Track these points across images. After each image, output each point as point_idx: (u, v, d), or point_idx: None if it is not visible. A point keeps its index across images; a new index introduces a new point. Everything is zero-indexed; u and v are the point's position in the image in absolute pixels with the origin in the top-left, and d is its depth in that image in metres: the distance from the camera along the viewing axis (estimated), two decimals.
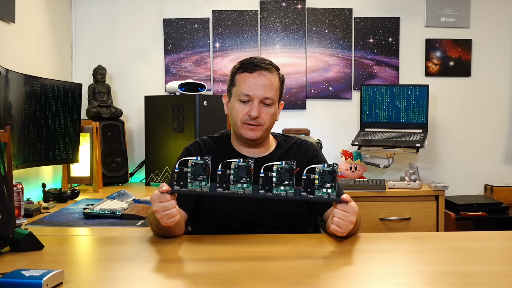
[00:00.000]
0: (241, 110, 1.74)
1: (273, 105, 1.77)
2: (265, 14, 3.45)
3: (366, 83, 3.44)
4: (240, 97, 1.74)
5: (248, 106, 1.74)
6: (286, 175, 1.46)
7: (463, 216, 3.06)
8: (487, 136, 3.51)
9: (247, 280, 1.26)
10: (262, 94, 1.73)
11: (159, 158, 3.06)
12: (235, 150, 1.83)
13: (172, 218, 1.50)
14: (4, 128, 2.04)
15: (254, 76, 1.74)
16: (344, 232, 1.53)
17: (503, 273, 1.31)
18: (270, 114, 1.76)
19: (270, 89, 1.74)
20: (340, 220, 1.52)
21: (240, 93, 1.74)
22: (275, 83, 1.77)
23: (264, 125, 1.75)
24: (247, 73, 1.75)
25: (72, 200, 2.56)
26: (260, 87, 1.73)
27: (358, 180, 3.13)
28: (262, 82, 1.73)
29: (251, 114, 1.72)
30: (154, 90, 3.42)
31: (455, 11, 3.47)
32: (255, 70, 1.74)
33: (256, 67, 1.74)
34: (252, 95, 1.73)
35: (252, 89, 1.73)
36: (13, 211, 1.50)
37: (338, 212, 1.52)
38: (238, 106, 1.75)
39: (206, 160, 1.48)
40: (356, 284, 1.25)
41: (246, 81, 1.74)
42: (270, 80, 1.75)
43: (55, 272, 1.18)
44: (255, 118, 1.72)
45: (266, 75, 1.74)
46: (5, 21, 2.50)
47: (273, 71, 1.77)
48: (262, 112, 1.74)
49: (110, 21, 3.45)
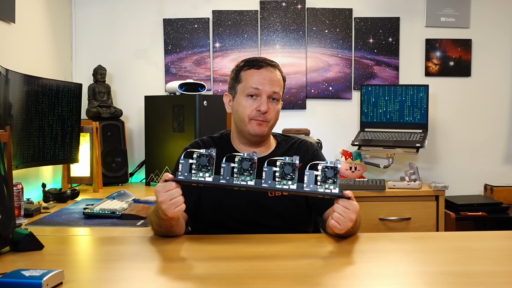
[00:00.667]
0: (249, 106, 1.74)
1: (279, 101, 1.79)
2: (265, 14, 3.45)
3: (366, 83, 3.44)
4: (249, 91, 1.75)
5: (256, 101, 1.74)
6: (289, 169, 1.46)
7: (463, 216, 3.06)
8: (487, 136, 3.51)
9: (247, 280, 1.26)
10: (271, 88, 1.75)
11: (159, 158, 3.07)
12: (235, 150, 1.83)
13: (179, 206, 1.48)
14: (4, 128, 2.04)
15: (262, 71, 1.76)
16: (342, 229, 1.51)
17: (503, 273, 1.31)
18: (276, 110, 1.78)
19: (277, 84, 1.77)
20: (340, 216, 1.50)
21: (248, 88, 1.75)
22: (280, 80, 1.80)
23: (271, 121, 1.77)
24: (254, 69, 1.77)
25: (72, 200, 2.56)
26: (268, 82, 1.75)
27: (358, 180, 3.13)
28: (270, 77, 1.76)
29: (260, 108, 1.73)
30: (154, 90, 3.42)
31: (455, 11, 3.47)
32: (262, 67, 1.77)
33: (263, 64, 1.78)
34: (262, 89, 1.74)
35: (261, 84, 1.74)
36: (13, 211, 1.50)
37: (338, 207, 1.50)
38: (246, 102, 1.75)
39: (211, 152, 1.48)
40: (356, 284, 1.25)
41: (254, 76, 1.76)
42: (277, 77, 1.78)
43: (55, 272, 1.18)
44: (264, 113, 1.73)
45: (273, 71, 1.77)
46: (5, 21, 2.50)
47: (277, 68, 1.81)
48: (269, 108, 1.75)
49: (110, 21, 3.45)
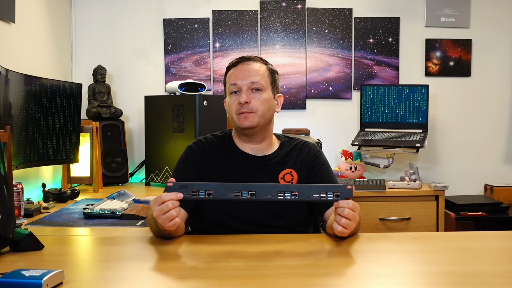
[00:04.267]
0: (233, 102, 1.78)
1: (264, 91, 1.78)
2: (265, 14, 3.45)
3: (366, 83, 3.44)
4: (230, 89, 1.79)
5: (238, 95, 1.78)
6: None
7: (463, 216, 3.06)
8: (487, 136, 3.51)
9: (247, 280, 1.26)
10: (248, 79, 1.77)
11: (159, 158, 3.07)
12: (237, 148, 1.84)
13: (172, 221, 1.47)
14: (4, 128, 2.04)
15: (238, 67, 1.80)
16: (347, 233, 1.53)
17: (503, 273, 1.31)
18: (262, 99, 1.77)
19: (255, 74, 1.78)
20: (349, 222, 1.49)
21: (229, 86, 1.80)
22: (261, 69, 1.80)
23: (258, 111, 1.76)
24: (233, 68, 1.81)
25: (72, 200, 2.56)
26: (245, 74, 1.78)
27: (358, 180, 3.13)
28: (247, 69, 1.79)
29: (240, 100, 1.75)
30: (154, 90, 3.42)
31: (455, 11, 3.47)
32: (239, 63, 1.81)
33: (240, 60, 1.82)
34: (239, 83, 1.77)
35: (238, 78, 1.78)
36: (13, 211, 1.50)
37: (350, 212, 1.48)
38: (230, 99, 1.80)
39: None
40: (356, 284, 1.25)
41: (232, 74, 1.80)
42: (254, 67, 1.80)
43: (55, 272, 1.18)
44: (245, 103, 1.75)
45: (249, 64, 1.80)
46: (5, 21, 2.50)
47: (257, 60, 1.83)
48: (253, 99, 1.76)
49: (110, 21, 3.45)
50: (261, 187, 1.48)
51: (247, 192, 1.46)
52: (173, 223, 1.48)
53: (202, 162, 1.81)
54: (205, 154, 1.82)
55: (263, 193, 1.47)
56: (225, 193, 1.47)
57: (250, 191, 1.46)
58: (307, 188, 1.49)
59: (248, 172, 1.79)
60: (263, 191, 1.47)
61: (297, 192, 1.47)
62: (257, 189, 1.47)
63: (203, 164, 1.81)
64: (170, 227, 1.49)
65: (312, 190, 1.48)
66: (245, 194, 1.46)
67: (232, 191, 1.47)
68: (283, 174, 1.79)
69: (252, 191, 1.46)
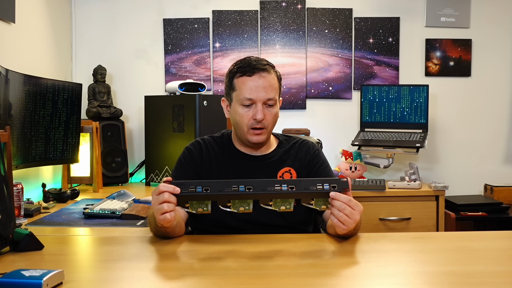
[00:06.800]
0: (246, 115, 1.74)
1: (276, 104, 1.78)
2: (265, 14, 3.45)
3: (366, 83, 3.44)
4: (243, 102, 1.74)
5: (251, 110, 1.74)
6: None
7: (463, 216, 3.06)
8: (487, 136, 3.51)
9: (247, 280, 1.26)
10: (265, 96, 1.73)
11: (159, 158, 3.07)
12: (236, 149, 1.83)
13: (168, 212, 1.46)
14: (4, 128, 2.04)
15: (254, 79, 1.73)
16: (345, 229, 1.50)
17: (503, 273, 1.31)
18: (273, 114, 1.77)
19: (271, 90, 1.74)
20: (346, 218, 1.48)
21: (242, 98, 1.73)
22: (275, 83, 1.77)
23: (268, 127, 1.77)
24: (246, 76, 1.74)
25: (72, 200, 2.56)
26: (261, 90, 1.72)
27: (358, 180, 3.13)
28: (263, 84, 1.73)
29: (256, 117, 1.72)
30: (154, 90, 3.42)
31: (455, 11, 3.47)
32: (254, 73, 1.73)
33: (255, 70, 1.74)
34: (255, 98, 1.72)
35: (254, 93, 1.72)
36: (13, 211, 1.50)
37: (346, 208, 1.48)
38: (242, 111, 1.74)
39: None
40: (356, 284, 1.25)
41: (246, 84, 1.73)
42: (270, 81, 1.74)
43: (55, 272, 1.18)
44: (261, 121, 1.73)
45: (266, 77, 1.74)
46: (5, 21, 2.50)
47: (271, 71, 1.77)
48: (266, 114, 1.74)
49: (110, 21, 3.45)
50: (258, 182, 1.49)
51: (244, 187, 1.46)
52: (164, 218, 1.46)
53: (200, 163, 1.81)
54: (203, 155, 1.82)
55: (260, 188, 1.47)
56: (222, 188, 1.47)
57: (247, 186, 1.47)
58: (303, 181, 1.50)
59: (247, 171, 1.79)
60: (260, 186, 1.47)
61: (294, 185, 1.48)
62: (254, 183, 1.48)
63: (201, 165, 1.81)
64: (161, 220, 1.47)
65: (308, 183, 1.49)
66: (242, 188, 1.46)
67: (229, 186, 1.47)
68: (282, 172, 1.80)
69: (249, 186, 1.47)
